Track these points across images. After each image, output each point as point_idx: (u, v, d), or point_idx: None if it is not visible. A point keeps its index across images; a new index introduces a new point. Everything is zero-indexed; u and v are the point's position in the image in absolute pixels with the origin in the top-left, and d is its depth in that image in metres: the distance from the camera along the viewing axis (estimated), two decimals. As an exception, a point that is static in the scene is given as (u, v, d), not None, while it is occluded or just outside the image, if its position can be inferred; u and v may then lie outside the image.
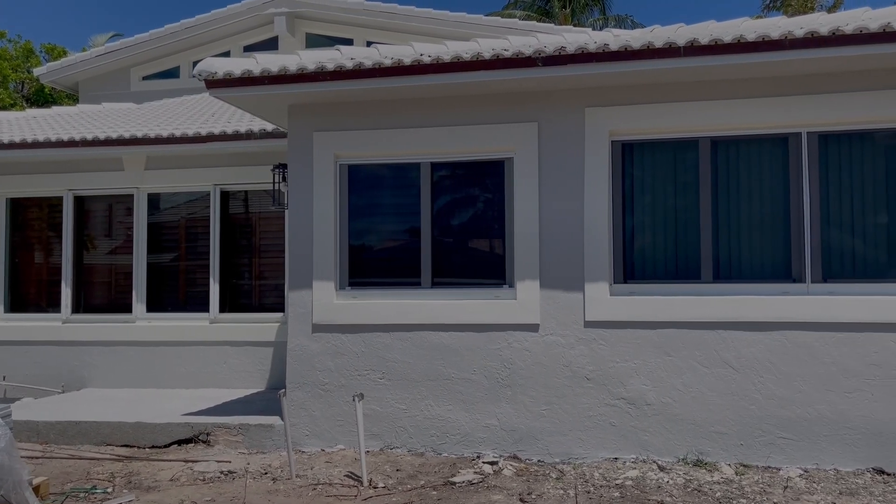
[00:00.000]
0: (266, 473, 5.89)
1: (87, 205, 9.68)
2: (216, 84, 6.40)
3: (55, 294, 9.60)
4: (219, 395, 8.27)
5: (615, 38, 5.80)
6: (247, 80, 6.35)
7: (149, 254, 9.37)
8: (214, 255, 9.16)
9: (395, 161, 6.73)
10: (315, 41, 12.04)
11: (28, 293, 9.78)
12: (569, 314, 6.23)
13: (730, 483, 5.46)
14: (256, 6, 11.83)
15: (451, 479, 5.61)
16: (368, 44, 10.48)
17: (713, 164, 6.17)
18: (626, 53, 5.74)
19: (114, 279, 9.60)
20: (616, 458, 6.07)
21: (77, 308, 9.55)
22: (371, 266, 6.79)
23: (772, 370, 5.88)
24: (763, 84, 5.98)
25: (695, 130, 6.16)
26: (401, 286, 6.65)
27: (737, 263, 6.13)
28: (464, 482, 5.55)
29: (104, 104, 11.83)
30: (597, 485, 5.49)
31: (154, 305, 9.33)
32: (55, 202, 9.65)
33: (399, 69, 6.10)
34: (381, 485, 5.54)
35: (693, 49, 5.62)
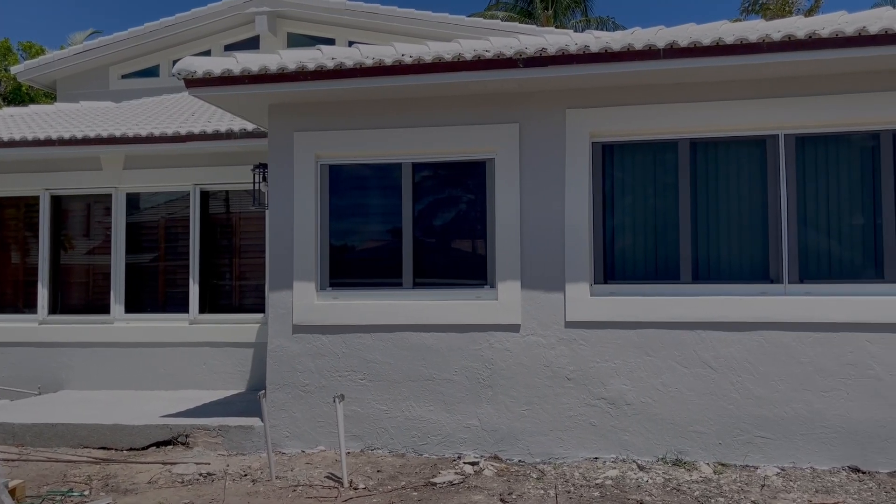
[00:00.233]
0: (246, 475, 5.86)
1: (65, 204, 9.56)
2: (196, 83, 6.36)
3: (32, 295, 9.47)
4: (198, 397, 8.21)
5: (596, 40, 5.83)
6: (227, 80, 6.31)
7: (127, 254, 9.27)
8: (194, 256, 9.08)
9: (377, 161, 6.72)
10: (297, 41, 11.97)
11: (4, 294, 9.64)
12: (550, 314, 6.25)
13: (708, 482, 5.51)
14: (237, 5, 11.72)
15: (432, 480, 5.61)
16: (350, 44, 10.43)
17: (692, 166, 6.22)
18: (607, 55, 5.78)
19: (92, 280, 9.50)
20: (596, 458, 6.10)
21: (54, 309, 9.44)
22: (352, 266, 6.77)
23: (750, 370, 5.94)
24: (741, 86, 6.05)
25: (674, 132, 6.22)
26: (382, 287, 6.65)
27: (715, 264, 6.19)
28: (445, 483, 5.56)
29: (82, 103, 11.68)
30: (577, 484, 5.52)
31: (133, 306, 9.23)
32: (32, 202, 9.52)
33: (380, 69, 6.09)
34: (362, 486, 5.53)
35: (672, 51, 5.67)
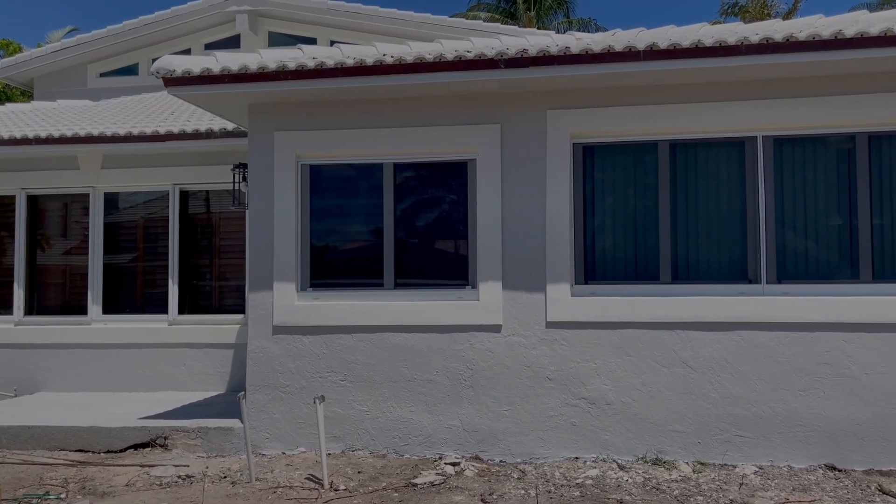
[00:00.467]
0: (225, 477, 5.81)
1: (42, 204, 9.43)
2: (175, 82, 6.30)
3: (7, 295, 9.32)
4: (177, 398, 8.13)
5: (577, 42, 5.86)
6: (206, 79, 6.26)
7: (105, 254, 9.17)
8: (173, 256, 9.00)
9: (358, 161, 6.70)
10: (278, 40, 11.90)
11: (-22, 295, 9.52)
12: (531, 315, 6.26)
13: (687, 481, 5.55)
14: (218, 3, 11.62)
15: (413, 481, 5.60)
16: (332, 43, 10.40)
17: (672, 167, 6.26)
18: (588, 56, 5.80)
19: (69, 280, 9.38)
20: (577, 458, 6.12)
21: (30, 310, 9.31)
22: (333, 267, 6.74)
23: (728, 369, 5.98)
24: (721, 88, 6.09)
25: (654, 133, 6.26)
26: (363, 287, 6.63)
27: (695, 264, 6.23)
28: (425, 483, 5.55)
29: (60, 101, 11.53)
30: (557, 484, 5.53)
31: (111, 307, 9.13)
32: (7, 201, 9.38)
33: (361, 69, 6.07)
34: (343, 487, 5.50)
35: (652, 53, 5.70)
